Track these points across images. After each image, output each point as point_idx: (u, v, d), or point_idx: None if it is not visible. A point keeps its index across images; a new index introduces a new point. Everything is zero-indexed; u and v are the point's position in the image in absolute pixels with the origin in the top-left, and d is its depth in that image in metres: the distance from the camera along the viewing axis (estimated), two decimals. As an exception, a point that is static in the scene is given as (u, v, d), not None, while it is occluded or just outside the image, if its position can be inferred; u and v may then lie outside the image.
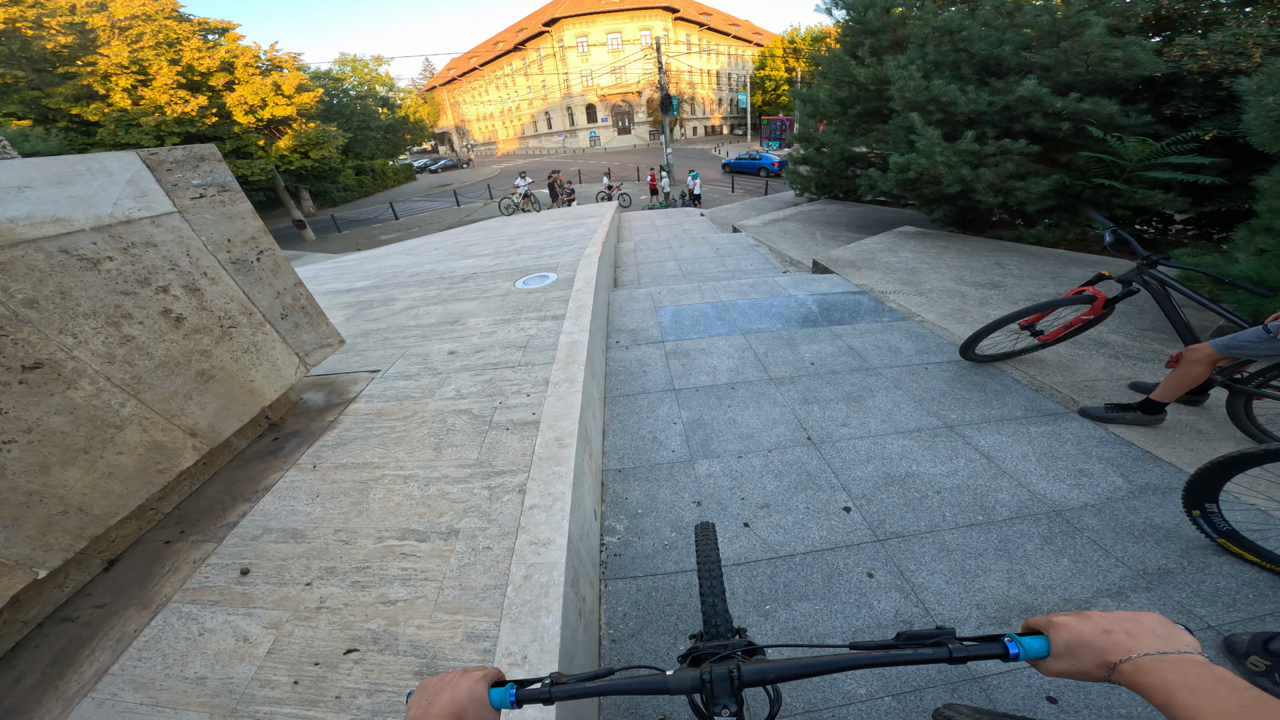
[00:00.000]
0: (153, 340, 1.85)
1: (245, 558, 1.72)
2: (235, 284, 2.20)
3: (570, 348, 2.98)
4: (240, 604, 1.53)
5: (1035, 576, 1.82)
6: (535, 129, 61.75)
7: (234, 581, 1.62)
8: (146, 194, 1.92)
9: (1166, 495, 2.11)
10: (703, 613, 1.05)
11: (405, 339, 3.59)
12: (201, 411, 1.98)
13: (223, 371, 2.09)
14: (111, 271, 1.75)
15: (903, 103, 6.04)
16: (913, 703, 1.46)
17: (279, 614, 1.48)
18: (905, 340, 3.58)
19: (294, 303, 2.49)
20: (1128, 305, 3.76)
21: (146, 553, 1.77)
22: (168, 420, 1.86)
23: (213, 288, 2.10)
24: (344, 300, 5.01)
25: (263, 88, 21.57)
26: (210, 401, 2.02)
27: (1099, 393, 2.81)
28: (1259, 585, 1.69)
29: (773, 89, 49.27)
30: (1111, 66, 4.97)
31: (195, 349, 2.00)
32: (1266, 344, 1.94)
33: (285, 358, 2.41)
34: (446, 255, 7.06)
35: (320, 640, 1.40)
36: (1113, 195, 5.14)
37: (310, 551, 1.72)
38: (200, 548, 1.78)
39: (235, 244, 2.22)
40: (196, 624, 1.48)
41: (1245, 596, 1.66)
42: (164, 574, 1.65)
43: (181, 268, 1.99)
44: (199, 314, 2.03)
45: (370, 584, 1.56)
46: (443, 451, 2.20)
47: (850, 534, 2.07)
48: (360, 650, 1.36)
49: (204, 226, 2.10)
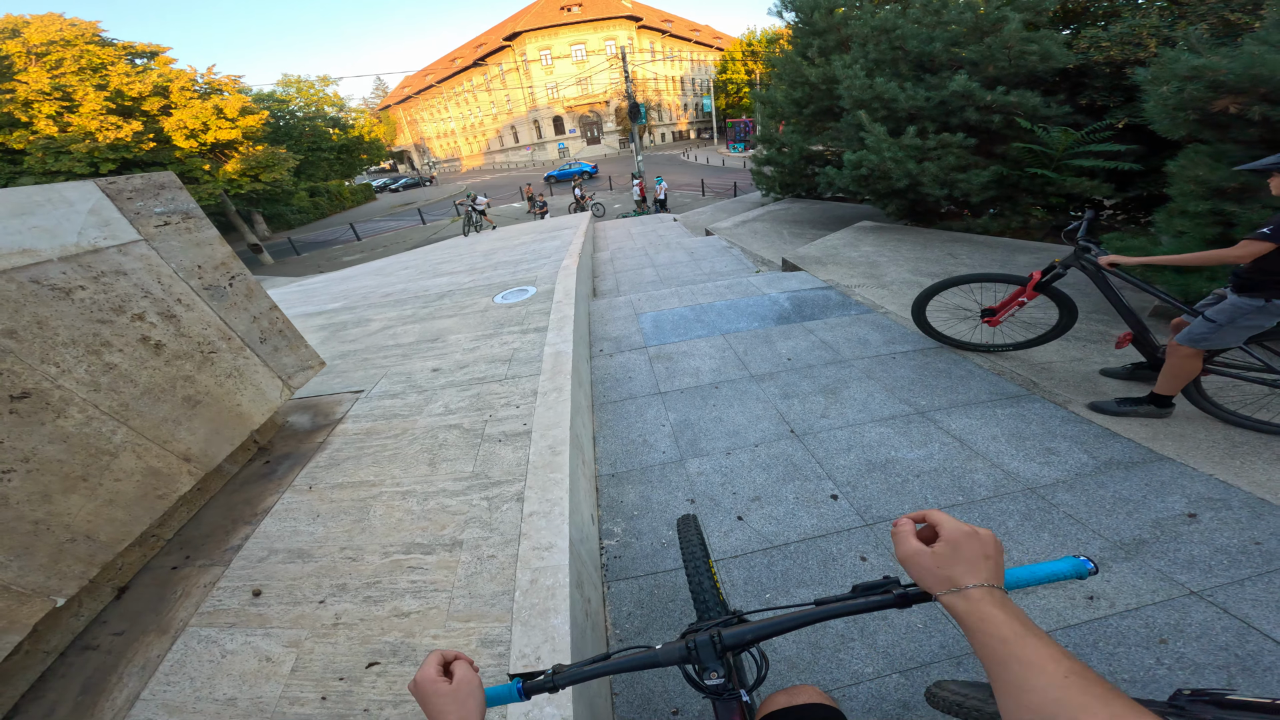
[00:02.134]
0: (135, 367, 1.86)
1: (255, 579, 1.73)
2: (211, 310, 2.20)
3: (556, 358, 3.02)
4: (257, 625, 1.55)
5: (1019, 551, 1.91)
6: (501, 143, 61.32)
7: (248, 603, 1.64)
8: (110, 223, 1.91)
9: (1131, 469, 2.22)
10: (692, 597, 1.10)
11: (385, 359, 3.55)
12: (192, 437, 2.01)
13: (209, 396, 2.11)
14: (85, 300, 1.74)
15: (850, 101, 6.30)
16: (919, 678, 1.53)
17: (297, 633, 1.51)
18: (872, 332, 3.75)
19: (271, 326, 2.48)
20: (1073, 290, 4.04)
21: (155, 579, 1.78)
22: (160, 446, 1.89)
23: (188, 314, 2.10)
24: (316, 323, 4.90)
25: (203, 111, 20.94)
26: (200, 426, 2.04)
27: (1054, 374, 2.98)
28: (1230, 550, 1.78)
29: (735, 92, 50.28)
30: (1030, 60, 5.32)
31: (178, 375, 2.02)
32: (1224, 331, 2.05)
33: (269, 381, 2.42)
34: (418, 274, 6.97)
35: (341, 656, 1.42)
36: (1046, 184, 5.48)
37: (319, 570, 1.73)
38: (208, 572, 1.79)
39: (206, 270, 2.22)
40: (218, 646, 1.50)
41: (1220, 562, 1.75)
42: (177, 599, 1.68)
43: (154, 295, 1.99)
44: (178, 340, 2.04)
45: (382, 598, 1.59)
46: (438, 466, 2.21)
47: (840, 520, 2.16)
48: (382, 663, 1.39)
49: (172, 254, 2.11)
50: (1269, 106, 2.79)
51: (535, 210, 18.88)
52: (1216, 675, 1.44)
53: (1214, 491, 2.03)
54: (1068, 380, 2.88)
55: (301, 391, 3.06)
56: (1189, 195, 3.36)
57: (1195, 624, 1.57)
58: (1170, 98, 3.24)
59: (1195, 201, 3.31)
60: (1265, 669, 1.43)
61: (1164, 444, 2.32)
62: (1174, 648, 1.52)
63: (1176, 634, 1.56)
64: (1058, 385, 2.84)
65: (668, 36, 56.71)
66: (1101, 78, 5.56)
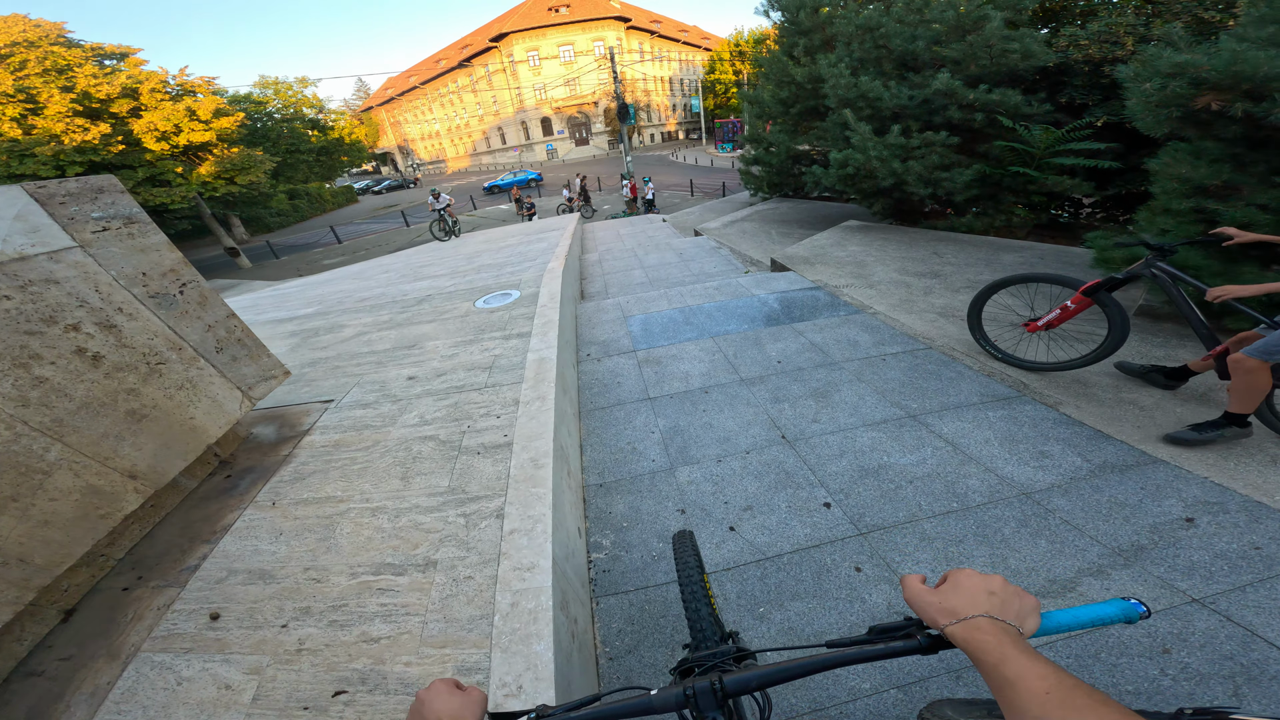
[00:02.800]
0: (70, 381, 1.72)
1: (213, 602, 1.63)
2: (157, 319, 2.07)
3: (539, 365, 2.90)
4: (215, 650, 1.46)
5: (1017, 560, 1.86)
6: (488, 145, 60.94)
7: (205, 627, 1.54)
8: (39, 229, 1.78)
9: (1125, 472, 2.18)
10: (688, 621, 1.04)
11: (358, 366, 3.40)
12: (138, 453, 1.89)
13: (156, 410, 1.99)
14: (11, 311, 1.60)
15: (836, 100, 6.29)
16: (917, 693, 1.47)
17: (258, 659, 1.42)
18: (862, 333, 3.71)
19: (228, 335, 2.35)
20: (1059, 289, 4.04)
21: (105, 601, 1.68)
22: (101, 463, 1.77)
23: (131, 324, 1.97)
24: (287, 329, 4.72)
25: (174, 113, 20.55)
26: (147, 442, 1.93)
27: (1044, 375, 2.91)
28: (1230, 556, 1.74)
29: (723, 92, 50.42)
30: (1011, 58, 5.35)
31: (120, 388, 1.88)
32: None
33: (226, 392, 2.29)
34: (398, 278, 6.79)
35: (306, 684, 1.34)
36: (1028, 182, 5.51)
37: (281, 592, 1.63)
38: (162, 594, 1.69)
39: (152, 277, 2.10)
40: (173, 673, 1.41)
41: (1220, 568, 1.71)
42: (128, 622, 1.59)
43: (91, 304, 1.85)
44: (119, 351, 1.90)
45: (349, 622, 1.50)
46: (411, 480, 2.09)
47: (833, 529, 2.08)
48: (349, 691, 1.30)
49: (112, 260, 1.97)
50: (1251, 103, 2.79)
51: (523, 212, 18.81)
52: (1222, 685, 1.38)
53: (1210, 495, 1.99)
54: (1057, 381, 2.85)
55: (267, 402, 2.91)
56: (1172, 193, 3.34)
57: (1198, 633, 1.52)
58: (1153, 94, 3.21)
59: (1178, 199, 3.29)
60: (1271, 678, 1.38)
61: (1157, 446, 2.28)
62: (1178, 658, 1.47)
63: (1180, 643, 1.50)
64: (1048, 386, 2.80)
65: (656, 37, 56.86)
66: (1081, 76, 5.61)
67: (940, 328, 3.59)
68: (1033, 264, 4.62)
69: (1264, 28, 2.90)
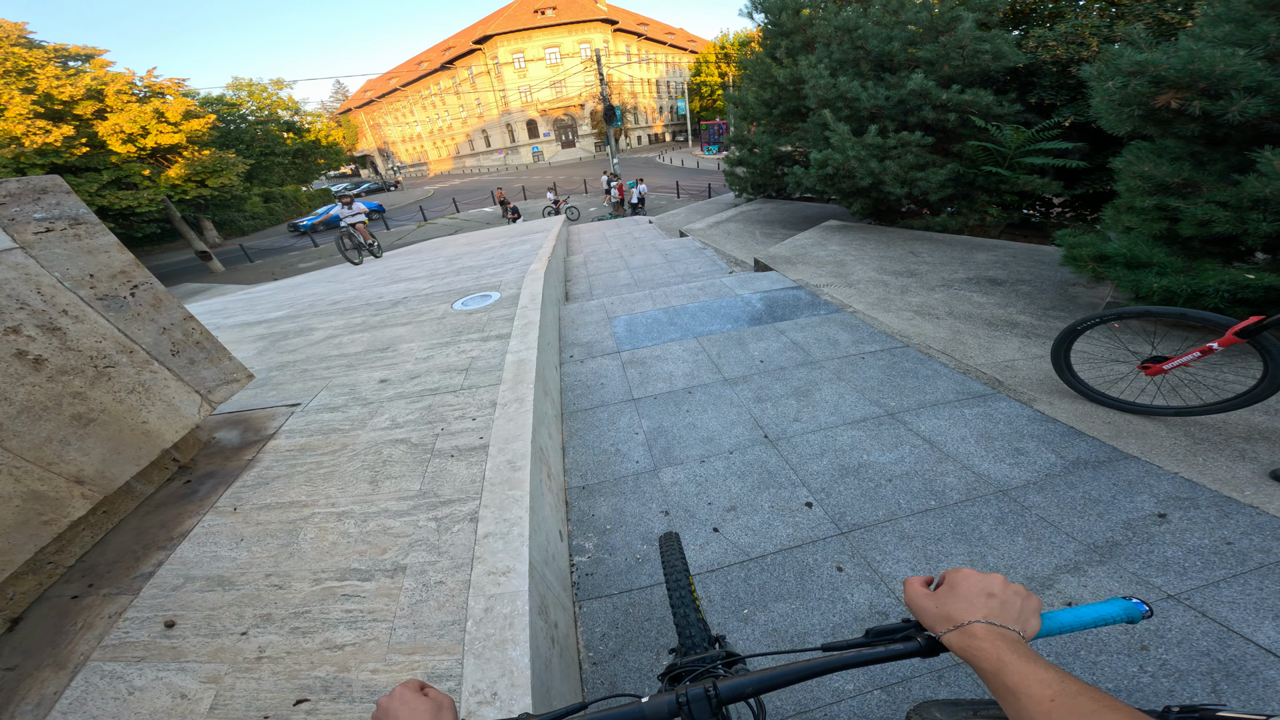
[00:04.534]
0: (9, 384, 1.65)
1: (168, 609, 1.57)
2: (106, 321, 1.99)
3: (518, 366, 2.84)
4: (170, 658, 1.41)
5: (995, 557, 1.85)
6: (472, 148, 60.26)
7: (159, 635, 1.48)
8: None
9: (1098, 468, 2.18)
10: (675, 626, 1.02)
11: (328, 369, 3.30)
12: (85, 458, 1.82)
13: (105, 414, 1.92)
14: None
15: (816, 100, 6.37)
16: (901, 694, 1.45)
17: (216, 667, 1.37)
18: (841, 332, 3.72)
19: (185, 338, 2.26)
20: (1030, 286, 4.13)
21: (53, 609, 1.63)
22: (43, 468, 1.70)
23: (77, 326, 1.89)
24: (255, 333, 4.57)
25: (141, 115, 20.07)
26: (95, 446, 1.86)
27: (1018, 372, 2.91)
28: (1203, 551, 1.75)
29: (709, 94, 50.84)
30: (983, 59, 5.47)
31: (65, 392, 1.80)
32: None
33: (183, 396, 2.20)
34: (373, 280, 6.64)
35: (266, 692, 1.28)
36: (1000, 182, 5.63)
37: (241, 599, 1.57)
38: (114, 601, 1.63)
39: (100, 279, 2.02)
40: (124, 682, 1.35)
41: (1194, 564, 1.72)
42: (76, 631, 1.54)
43: (33, 306, 1.77)
44: (63, 355, 1.82)
45: (312, 629, 1.44)
46: (380, 484, 2.02)
47: (815, 529, 2.07)
48: (312, 700, 1.25)
49: (56, 262, 1.89)
50: (1208, 101, 2.86)
51: (508, 216, 18.68)
52: (1201, 681, 1.38)
53: (1181, 490, 2.01)
54: (1031, 378, 2.86)
55: (230, 406, 2.81)
56: (1135, 191, 3.38)
57: (1175, 629, 1.52)
58: (1115, 93, 3.26)
59: (1141, 197, 3.33)
60: (1249, 674, 1.37)
61: (1128, 442, 2.29)
62: (1156, 654, 1.46)
63: (1157, 640, 1.50)
64: (1021, 384, 2.81)
65: (643, 39, 57.00)
66: (1049, 76, 5.77)
67: (917, 326, 3.63)
68: (1005, 263, 4.68)
69: (1219, 27, 2.99)
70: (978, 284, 4.27)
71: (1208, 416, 2.36)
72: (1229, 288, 2.78)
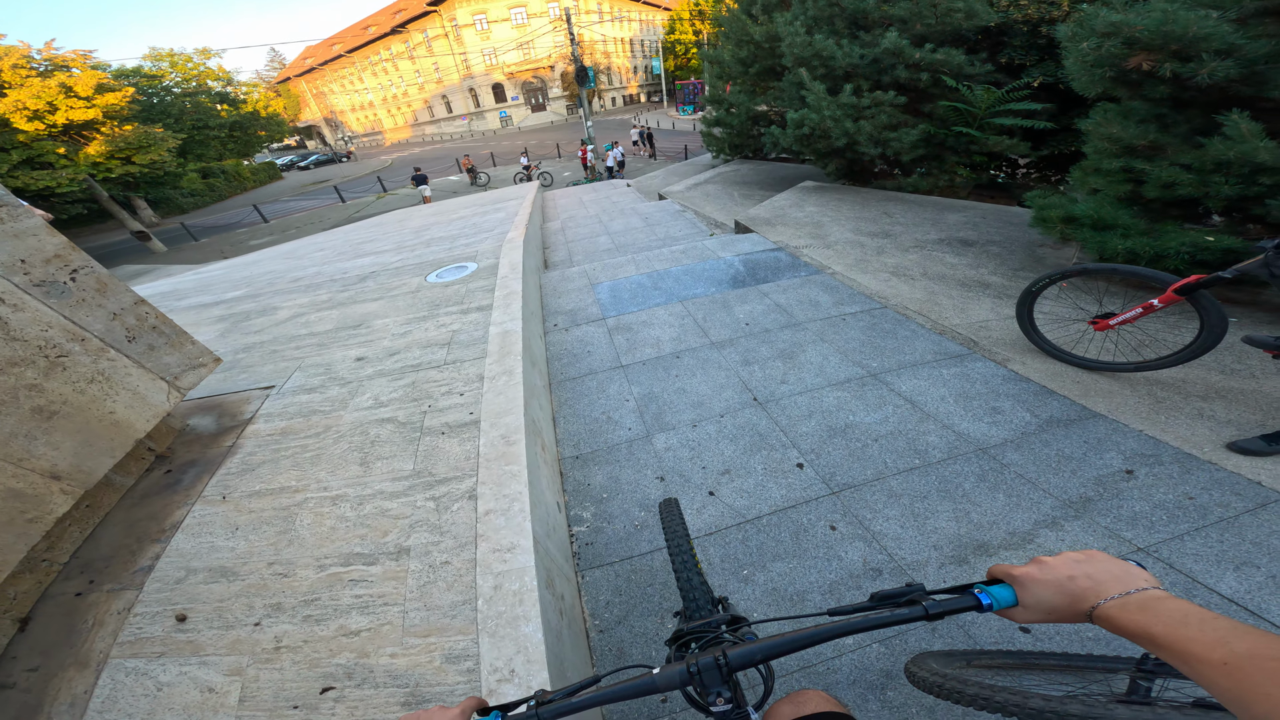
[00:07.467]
0: None
1: (176, 603, 1.54)
2: (49, 309, 1.84)
3: (503, 338, 2.76)
4: (189, 653, 1.40)
5: (979, 514, 1.92)
6: (432, 114, 56.84)
7: (173, 630, 1.47)
8: None
9: (1069, 426, 2.26)
10: (679, 590, 1.03)
11: (299, 350, 3.14)
12: (56, 452, 1.74)
13: (68, 406, 1.81)
14: None
15: (792, 59, 6.22)
16: (897, 646, 1.53)
17: (237, 659, 1.36)
18: (822, 293, 3.75)
19: (140, 323, 2.11)
20: (1000, 247, 4.23)
21: (60, 608, 1.61)
22: (15, 465, 1.62)
23: (17, 315, 1.73)
24: (214, 314, 4.29)
25: (46, 90, 18.67)
26: (63, 440, 1.77)
27: (991, 332, 2.97)
28: (1168, 506, 1.83)
29: (683, 53, 48.97)
30: (955, 17, 5.40)
31: (19, 384, 1.68)
32: None
33: (148, 384, 2.07)
34: (335, 255, 6.29)
35: (290, 682, 1.28)
36: (970, 142, 5.66)
37: (248, 589, 1.54)
38: (120, 597, 1.60)
39: (33, 264, 1.85)
40: (150, 679, 1.35)
41: (1160, 518, 1.79)
42: (89, 629, 1.53)
43: None
44: (9, 345, 1.67)
45: (325, 617, 1.42)
46: (371, 466, 1.96)
47: (807, 489, 2.12)
48: (337, 687, 1.25)
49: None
50: (1179, 63, 2.88)
51: (476, 184, 17.91)
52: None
53: (1145, 447, 2.08)
54: (1004, 338, 2.91)
55: (200, 391, 2.67)
56: (1103, 153, 3.40)
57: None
58: (1089, 54, 3.25)
59: (1109, 159, 3.36)
60: None
61: (1095, 401, 2.37)
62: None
63: (1129, 594, 1.61)
64: (995, 344, 2.87)
65: (615, -3, 54.17)
66: (1020, 36, 5.76)
67: (894, 287, 3.68)
68: (975, 224, 4.77)
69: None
70: (950, 245, 4.34)
71: (1167, 375, 2.49)
72: (1189, 249, 2.86)
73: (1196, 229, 3.10)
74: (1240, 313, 2.87)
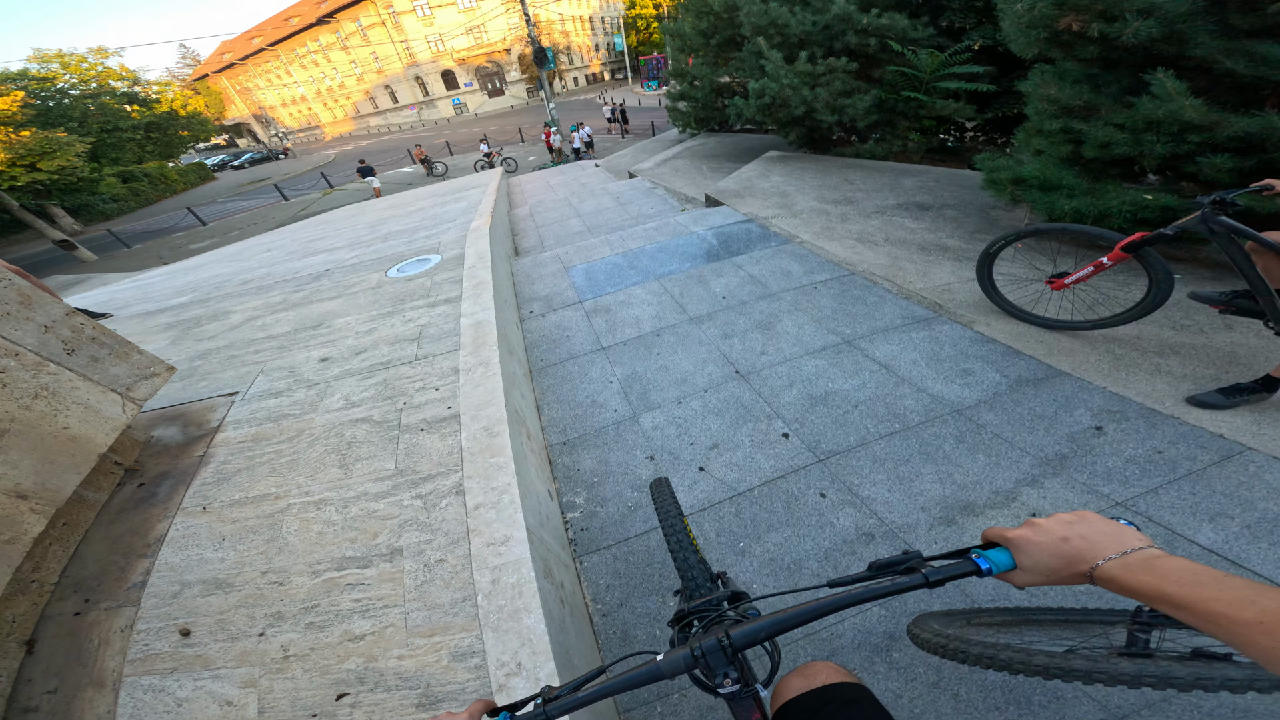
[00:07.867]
0: None
1: (177, 618, 1.50)
2: None
3: (476, 329, 2.68)
4: (200, 667, 1.38)
5: (961, 475, 1.94)
6: (375, 105, 54.02)
7: (180, 645, 1.44)
8: None
9: (1038, 385, 2.29)
10: (677, 569, 1.03)
11: (258, 354, 2.97)
12: (15, 471, 1.66)
13: (16, 423, 1.72)
14: None
15: (750, 28, 6.21)
16: (897, 608, 1.56)
17: (248, 670, 1.34)
18: (793, 263, 3.78)
19: (76, 335, 1.97)
20: (956, 210, 4.35)
21: (62, 629, 1.57)
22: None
23: None
24: (161, 321, 4.02)
25: None
26: (21, 459, 1.69)
27: (955, 295, 2.99)
28: (1139, 460, 1.86)
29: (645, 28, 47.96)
30: (897, -20, 5.43)
31: None
32: None
33: (99, 397, 1.95)
34: (285, 255, 5.95)
35: (305, 690, 1.28)
36: (919, 107, 5.74)
37: (246, 600, 1.50)
38: (119, 615, 1.56)
39: None
40: (169, 695, 1.33)
41: (1133, 472, 1.82)
42: (96, 648, 1.50)
43: None
44: None
45: (328, 623, 1.39)
46: (351, 467, 1.89)
47: (794, 459, 2.14)
48: (352, 693, 1.24)
49: None
50: (1105, 24, 2.89)
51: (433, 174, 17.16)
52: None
53: (1111, 404, 2.12)
54: (967, 301, 2.95)
55: (157, 401, 2.52)
56: (1044, 114, 3.43)
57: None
58: (1024, 15, 3.26)
59: (1049, 120, 3.40)
60: None
61: (1059, 359, 2.41)
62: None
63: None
64: (959, 306, 2.92)
65: (571, -27, 52.11)
66: (959, 0, 5.82)
67: (859, 253, 3.74)
68: (930, 188, 4.86)
69: (1115, -52, 3.04)
70: (908, 210, 4.43)
71: (1122, 333, 2.56)
72: (1130, 208, 2.93)
73: (1135, 188, 3.17)
74: (1183, 269, 2.97)
